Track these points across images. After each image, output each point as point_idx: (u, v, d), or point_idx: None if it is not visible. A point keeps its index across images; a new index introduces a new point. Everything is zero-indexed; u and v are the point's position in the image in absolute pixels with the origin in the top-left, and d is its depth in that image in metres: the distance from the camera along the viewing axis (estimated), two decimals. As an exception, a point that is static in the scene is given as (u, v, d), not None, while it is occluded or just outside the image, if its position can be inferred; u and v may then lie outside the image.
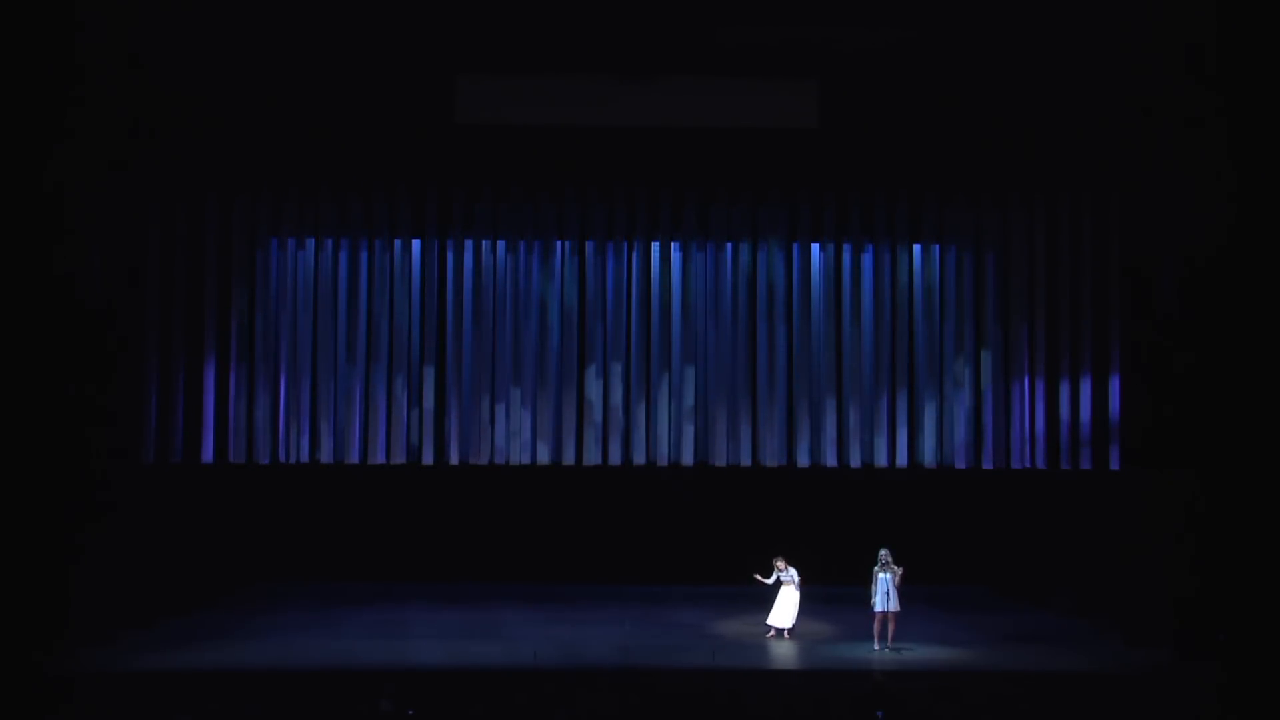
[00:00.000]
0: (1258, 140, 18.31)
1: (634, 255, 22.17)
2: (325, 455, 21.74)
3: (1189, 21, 18.60)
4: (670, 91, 20.62)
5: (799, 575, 18.48)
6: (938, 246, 22.14)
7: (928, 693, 15.49)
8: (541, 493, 22.22)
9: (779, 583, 18.56)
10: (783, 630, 18.46)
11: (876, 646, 17.61)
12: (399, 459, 21.79)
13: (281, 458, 21.68)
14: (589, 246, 22.06)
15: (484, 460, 21.87)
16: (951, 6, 19.68)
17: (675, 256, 22.12)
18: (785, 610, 18.47)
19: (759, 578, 18.76)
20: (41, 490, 17.77)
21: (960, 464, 21.97)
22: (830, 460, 21.94)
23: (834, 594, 19.98)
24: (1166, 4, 18.81)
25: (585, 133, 20.84)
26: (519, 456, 21.89)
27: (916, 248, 22.16)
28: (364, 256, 21.94)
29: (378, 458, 21.78)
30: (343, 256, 21.96)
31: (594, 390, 21.94)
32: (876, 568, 17.71)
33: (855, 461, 21.95)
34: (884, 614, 17.59)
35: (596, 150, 21.21)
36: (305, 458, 21.73)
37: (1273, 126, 18.22)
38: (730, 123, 20.81)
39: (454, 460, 21.85)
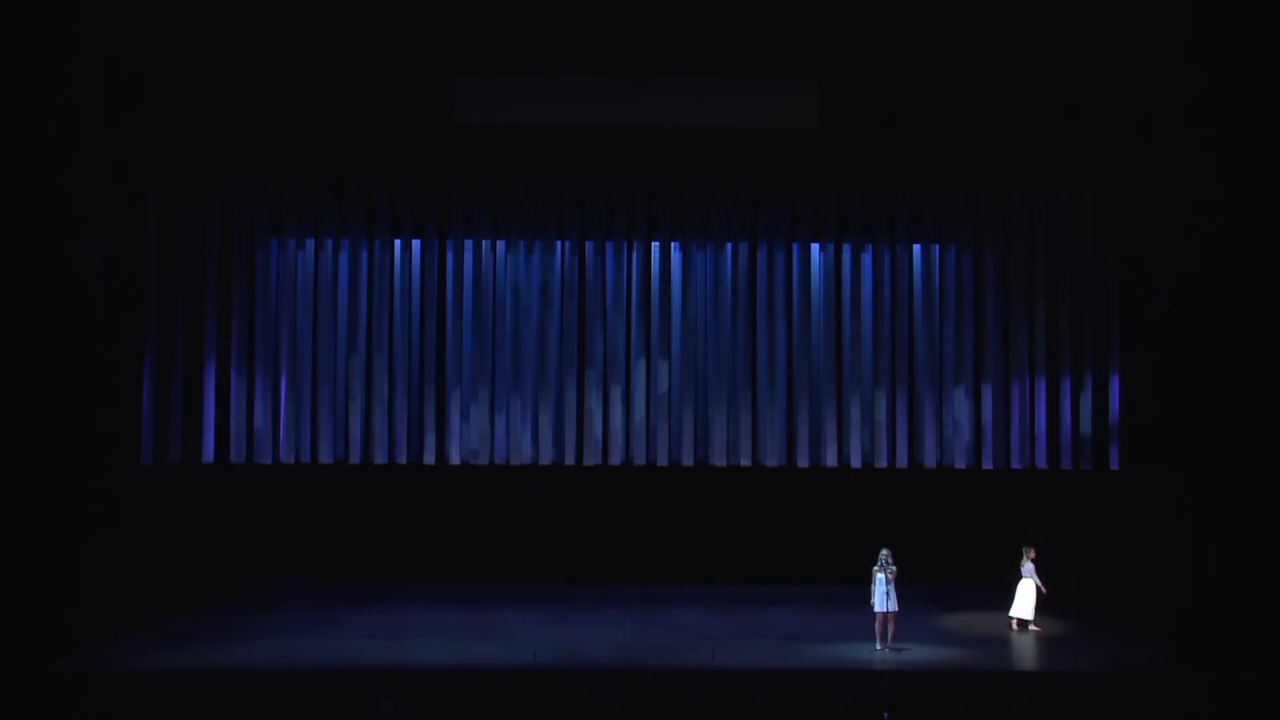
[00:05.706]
0: (1256, 140, 18.32)
1: (634, 255, 22.16)
2: (325, 455, 21.74)
3: (1189, 21, 18.60)
4: (670, 91, 20.59)
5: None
6: (938, 246, 22.13)
7: (929, 693, 15.50)
8: (541, 492, 22.22)
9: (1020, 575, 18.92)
10: (1027, 622, 18.67)
11: (878, 646, 17.61)
12: (399, 459, 21.79)
13: (281, 458, 21.68)
14: (589, 246, 22.05)
15: (484, 460, 21.87)
16: (951, 6, 19.67)
17: (675, 256, 22.11)
18: (1025, 601, 18.77)
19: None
20: (42, 490, 17.76)
21: (960, 464, 21.96)
22: (830, 460, 21.94)
23: (834, 594, 20.00)
24: (1166, 4, 18.82)
25: (585, 133, 20.84)
26: (519, 456, 21.87)
27: (916, 248, 22.15)
28: (364, 256, 21.94)
29: (378, 458, 21.78)
30: (343, 256, 21.96)
31: (594, 390, 21.92)
32: (876, 568, 17.72)
33: (855, 461, 21.95)
34: (885, 614, 17.61)
35: (596, 150, 21.21)
36: (305, 458, 21.74)
37: (1272, 126, 18.22)
38: (730, 123, 20.78)
39: (454, 460, 21.86)
